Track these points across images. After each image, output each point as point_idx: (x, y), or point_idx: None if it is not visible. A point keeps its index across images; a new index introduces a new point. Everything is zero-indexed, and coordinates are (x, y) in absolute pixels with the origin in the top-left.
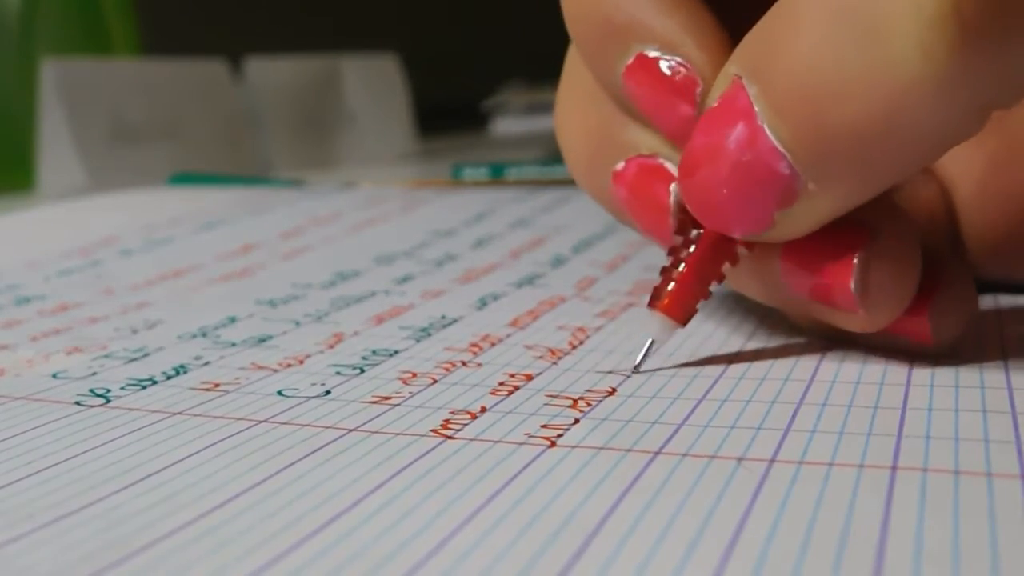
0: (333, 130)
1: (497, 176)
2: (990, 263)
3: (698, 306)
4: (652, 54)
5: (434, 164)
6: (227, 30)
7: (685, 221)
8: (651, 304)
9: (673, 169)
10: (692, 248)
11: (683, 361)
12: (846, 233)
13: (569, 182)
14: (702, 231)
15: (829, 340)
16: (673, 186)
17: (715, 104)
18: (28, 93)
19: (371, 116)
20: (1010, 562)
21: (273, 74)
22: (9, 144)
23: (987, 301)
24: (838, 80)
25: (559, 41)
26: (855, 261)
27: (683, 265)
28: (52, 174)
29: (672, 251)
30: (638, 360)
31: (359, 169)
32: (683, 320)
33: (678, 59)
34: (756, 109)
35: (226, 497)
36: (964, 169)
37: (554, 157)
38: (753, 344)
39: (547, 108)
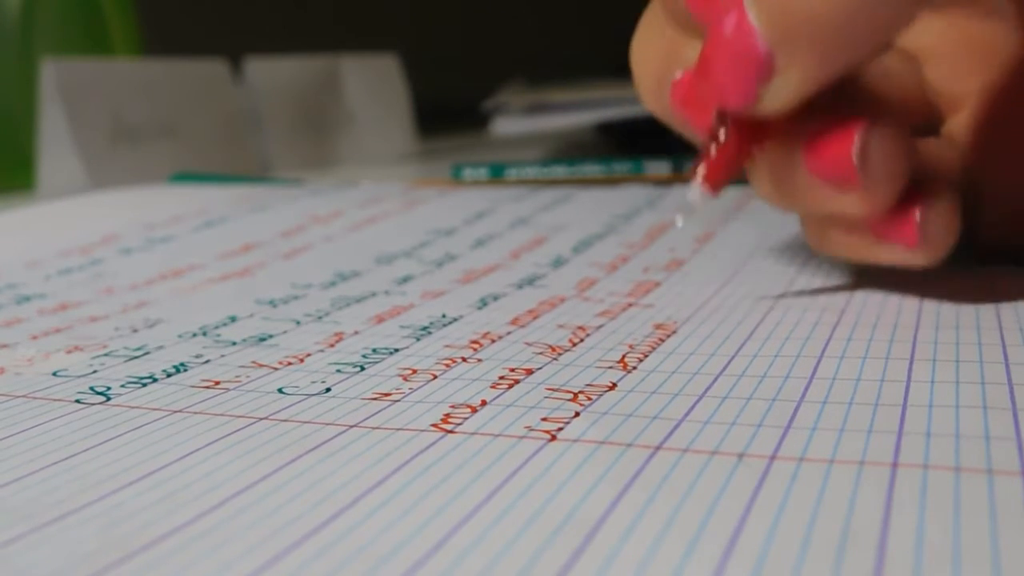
0: (333, 130)
1: (497, 176)
2: (990, 203)
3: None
4: None
5: (434, 164)
6: (227, 30)
7: (722, 116)
8: (690, 177)
9: None
10: (723, 135)
11: (687, 356)
12: (850, 120)
13: (569, 182)
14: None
15: (839, 260)
16: None
17: None
18: (28, 93)
19: (371, 116)
20: (1011, 560)
21: (273, 74)
22: (9, 144)
23: (987, 297)
24: None
25: (559, 41)
26: (856, 136)
27: (715, 149)
28: (52, 174)
29: (710, 138)
30: (679, 223)
31: (359, 169)
32: (715, 191)
33: None
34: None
35: (227, 495)
36: (963, 103)
37: (554, 157)
38: (753, 342)
39: (547, 108)
